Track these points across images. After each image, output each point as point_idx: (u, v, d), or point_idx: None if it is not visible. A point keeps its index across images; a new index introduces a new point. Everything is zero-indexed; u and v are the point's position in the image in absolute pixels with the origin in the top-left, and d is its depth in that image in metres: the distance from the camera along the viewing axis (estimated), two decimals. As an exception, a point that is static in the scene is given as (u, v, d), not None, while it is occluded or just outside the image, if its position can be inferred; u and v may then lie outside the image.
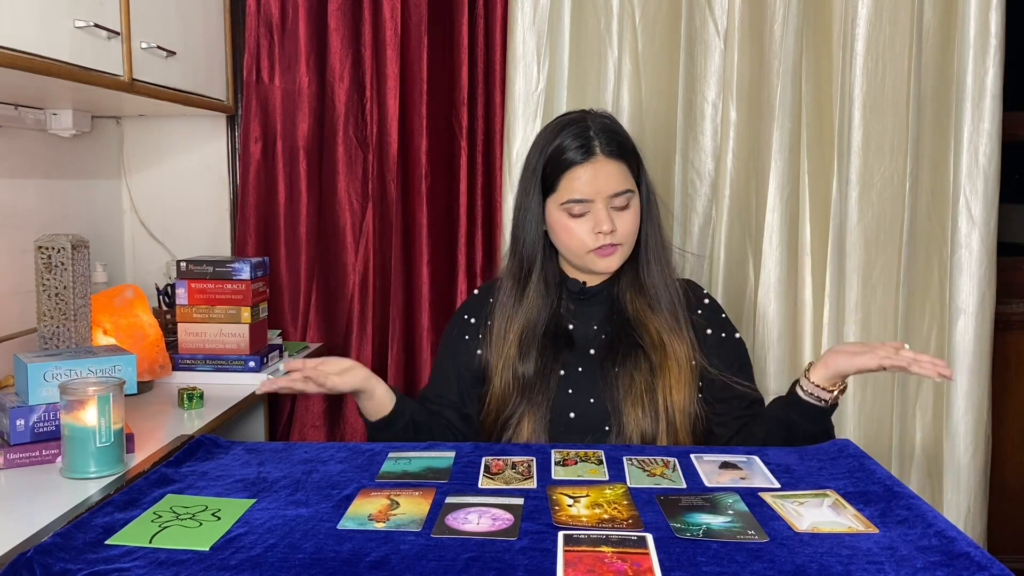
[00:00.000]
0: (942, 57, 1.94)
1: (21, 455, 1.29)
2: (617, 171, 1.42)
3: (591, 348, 1.46)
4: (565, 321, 1.48)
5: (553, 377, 1.43)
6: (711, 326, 1.48)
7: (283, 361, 1.94)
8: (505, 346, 1.46)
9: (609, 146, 1.41)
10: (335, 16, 2.12)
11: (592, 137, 1.42)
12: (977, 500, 1.98)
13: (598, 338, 1.46)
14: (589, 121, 1.44)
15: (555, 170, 1.42)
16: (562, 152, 1.42)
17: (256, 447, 1.32)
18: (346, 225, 2.18)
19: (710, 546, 0.95)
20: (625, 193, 1.42)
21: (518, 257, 1.49)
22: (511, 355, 1.45)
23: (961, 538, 0.94)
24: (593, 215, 1.41)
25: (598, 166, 1.41)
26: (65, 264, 1.54)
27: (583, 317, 1.48)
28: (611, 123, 1.46)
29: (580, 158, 1.40)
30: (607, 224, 1.39)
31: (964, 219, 1.94)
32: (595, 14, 1.99)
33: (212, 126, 2.26)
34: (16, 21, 1.32)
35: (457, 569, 0.89)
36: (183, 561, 0.91)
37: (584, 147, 1.41)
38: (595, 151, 1.41)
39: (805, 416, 1.34)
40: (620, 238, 1.42)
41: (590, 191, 1.40)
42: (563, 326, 1.47)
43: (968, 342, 1.95)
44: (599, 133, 1.42)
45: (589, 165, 1.40)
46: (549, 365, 1.42)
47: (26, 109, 1.84)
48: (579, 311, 1.48)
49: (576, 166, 1.41)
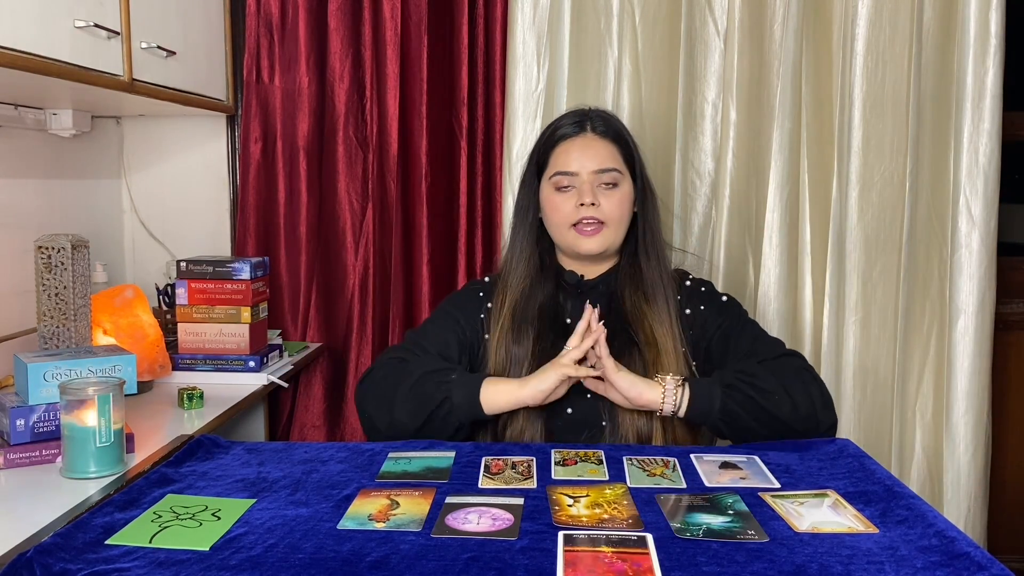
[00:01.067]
0: (942, 57, 1.94)
1: (21, 455, 1.29)
2: (606, 149, 1.46)
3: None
4: (564, 315, 1.48)
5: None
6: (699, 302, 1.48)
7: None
8: (500, 319, 1.47)
9: (602, 127, 1.48)
10: (335, 16, 2.12)
11: (587, 118, 1.49)
12: (977, 500, 1.98)
13: None
14: (587, 108, 1.52)
15: (548, 146, 1.49)
16: (556, 129, 1.49)
17: (256, 447, 1.32)
18: (346, 225, 2.19)
19: (710, 546, 0.95)
20: (611, 171, 1.44)
21: (512, 235, 1.53)
22: (505, 327, 1.45)
23: (961, 538, 0.94)
24: (578, 189, 1.44)
25: (587, 141, 1.46)
26: (65, 264, 1.54)
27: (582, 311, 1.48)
28: (610, 115, 1.52)
29: (571, 132, 1.47)
30: (589, 196, 1.42)
31: (964, 219, 1.94)
32: (595, 14, 1.99)
33: (212, 126, 2.26)
34: (16, 21, 1.32)
35: (457, 569, 0.89)
36: (183, 561, 0.91)
37: (577, 123, 1.48)
38: (586, 127, 1.47)
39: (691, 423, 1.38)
40: (603, 215, 1.43)
41: (576, 164, 1.44)
42: (561, 319, 1.48)
43: (968, 342, 1.95)
44: (595, 116, 1.50)
45: (578, 139, 1.46)
46: (547, 357, 1.42)
47: (26, 109, 1.84)
48: (577, 305, 1.48)
49: (566, 139, 1.47)
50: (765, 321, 1.95)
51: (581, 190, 1.43)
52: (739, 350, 1.42)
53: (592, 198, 1.42)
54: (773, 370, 1.34)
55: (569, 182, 1.44)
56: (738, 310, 1.50)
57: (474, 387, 1.33)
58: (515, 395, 1.34)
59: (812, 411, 1.31)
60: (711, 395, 1.31)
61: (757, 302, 1.96)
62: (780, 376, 1.33)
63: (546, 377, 1.34)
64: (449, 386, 1.33)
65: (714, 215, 2.01)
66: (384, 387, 1.37)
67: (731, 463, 1.23)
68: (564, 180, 1.45)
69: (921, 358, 2.00)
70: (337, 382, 2.22)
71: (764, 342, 1.44)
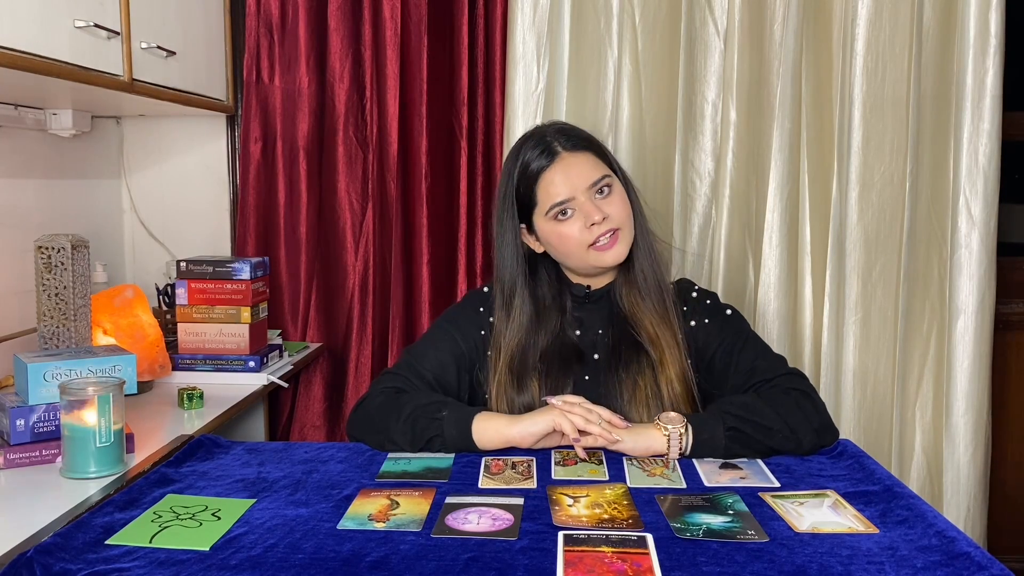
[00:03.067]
0: (942, 57, 1.94)
1: (21, 455, 1.29)
2: (587, 161, 1.41)
3: (596, 353, 1.44)
4: (571, 331, 1.45)
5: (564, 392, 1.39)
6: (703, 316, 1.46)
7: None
8: (496, 373, 1.43)
9: (569, 141, 1.42)
10: (335, 16, 2.12)
11: (550, 140, 1.42)
12: (977, 500, 1.98)
13: (602, 342, 1.45)
14: (543, 129, 1.46)
15: (529, 185, 1.42)
16: (528, 165, 1.42)
17: (256, 447, 1.32)
18: (346, 225, 2.18)
19: (710, 546, 0.95)
20: (603, 179, 1.40)
21: (499, 286, 1.47)
22: (503, 382, 1.42)
23: (961, 538, 0.94)
24: (580, 211, 1.39)
25: (566, 162, 1.40)
26: (65, 264, 1.54)
27: (588, 321, 1.47)
28: (565, 124, 1.47)
29: (546, 162, 1.40)
30: (597, 214, 1.38)
31: (964, 219, 1.94)
32: (595, 14, 1.99)
33: (212, 126, 2.26)
34: (16, 21, 1.32)
35: (457, 569, 0.89)
36: (183, 561, 0.91)
37: (546, 151, 1.41)
38: (557, 150, 1.41)
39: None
40: (616, 222, 1.39)
41: (567, 189, 1.39)
42: (569, 341, 1.44)
43: (968, 342, 1.95)
44: (555, 135, 1.43)
45: (558, 165, 1.40)
46: (560, 386, 1.39)
47: (26, 109, 1.84)
48: (584, 316, 1.47)
49: (545, 171, 1.40)
50: (765, 321, 1.95)
51: (584, 211, 1.38)
52: (741, 367, 1.40)
53: (599, 214, 1.37)
54: (774, 404, 1.29)
55: (568, 208, 1.39)
56: (741, 324, 1.46)
57: (465, 424, 1.28)
58: (503, 434, 1.27)
59: (815, 442, 1.29)
60: (714, 439, 1.26)
61: (757, 302, 1.96)
62: (782, 411, 1.28)
63: (537, 420, 1.26)
64: (440, 423, 1.28)
65: (714, 215, 2.01)
66: (377, 420, 1.33)
67: (731, 463, 1.23)
68: (563, 210, 1.39)
69: (921, 358, 2.00)
70: (337, 382, 2.22)
71: (766, 359, 1.41)
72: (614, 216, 1.39)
